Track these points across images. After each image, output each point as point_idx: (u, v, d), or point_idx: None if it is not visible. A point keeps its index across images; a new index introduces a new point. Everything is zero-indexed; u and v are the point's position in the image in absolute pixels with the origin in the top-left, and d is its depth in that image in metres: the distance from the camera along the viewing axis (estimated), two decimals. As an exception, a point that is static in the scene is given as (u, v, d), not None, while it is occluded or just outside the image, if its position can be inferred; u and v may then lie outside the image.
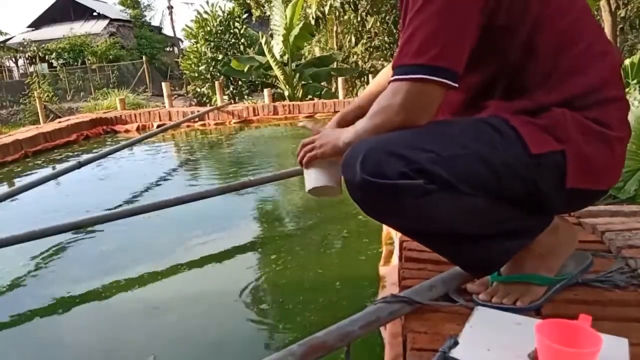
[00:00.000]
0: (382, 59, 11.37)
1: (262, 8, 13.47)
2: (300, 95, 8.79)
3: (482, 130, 0.96)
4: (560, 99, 0.97)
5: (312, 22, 9.62)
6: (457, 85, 0.94)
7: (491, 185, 0.94)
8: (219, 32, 11.90)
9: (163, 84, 7.86)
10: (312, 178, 1.13)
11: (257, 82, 11.09)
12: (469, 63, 0.96)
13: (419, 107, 0.96)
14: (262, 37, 8.59)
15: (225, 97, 10.70)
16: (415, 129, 0.96)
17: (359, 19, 10.84)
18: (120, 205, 3.06)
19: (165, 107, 7.24)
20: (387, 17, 10.99)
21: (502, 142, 0.94)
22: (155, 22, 30.82)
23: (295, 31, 8.56)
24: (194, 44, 12.44)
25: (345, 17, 10.80)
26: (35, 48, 21.35)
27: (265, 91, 7.24)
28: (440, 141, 0.94)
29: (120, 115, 6.52)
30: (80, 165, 3.49)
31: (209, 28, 11.87)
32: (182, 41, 26.75)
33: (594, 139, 0.96)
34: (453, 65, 0.93)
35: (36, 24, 27.56)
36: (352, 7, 10.16)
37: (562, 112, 0.96)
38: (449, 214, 0.95)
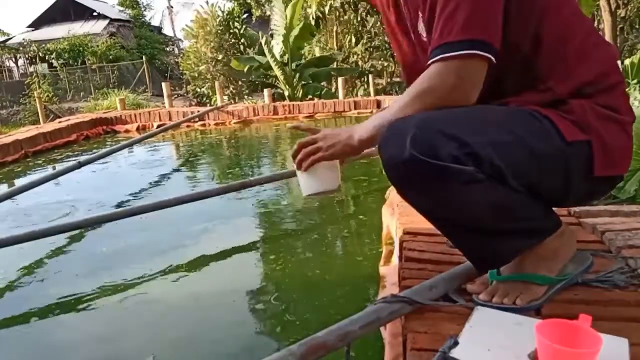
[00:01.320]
0: (382, 59, 11.38)
1: (262, 8, 13.50)
2: (300, 95, 8.80)
3: (525, 118, 0.96)
4: (572, 88, 0.98)
5: (312, 22, 9.64)
6: (495, 62, 0.93)
7: (533, 174, 0.94)
8: (219, 32, 11.90)
9: (163, 84, 7.87)
10: (316, 181, 1.07)
11: (257, 82, 11.10)
12: None
13: (471, 83, 0.93)
14: (262, 37, 8.61)
15: (225, 97, 10.70)
16: (460, 112, 0.93)
17: (359, 19, 10.85)
18: (120, 205, 3.06)
19: (165, 107, 7.24)
20: (387, 17, 10.98)
21: (543, 131, 0.95)
22: (155, 22, 30.88)
23: (295, 31, 8.57)
24: (194, 44, 12.44)
25: (345, 17, 10.81)
26: (35, 48, 21.35)
27: (265, 91, 7.25)
28: (490, 126, 0.93)
29: (120, 116, 6.52)
30: (80, 165, 3.50)
31: (209, 28, 11.87)
32: (182, 41, 26.79)
33: (611, 125, 0.98)
34: (495, 42, 0.93)
35: (36, 24, 27.54)
36: (352, 7, 10.17)
37: (580, 104, 0.97)
38: (484, 205, 0.94)
